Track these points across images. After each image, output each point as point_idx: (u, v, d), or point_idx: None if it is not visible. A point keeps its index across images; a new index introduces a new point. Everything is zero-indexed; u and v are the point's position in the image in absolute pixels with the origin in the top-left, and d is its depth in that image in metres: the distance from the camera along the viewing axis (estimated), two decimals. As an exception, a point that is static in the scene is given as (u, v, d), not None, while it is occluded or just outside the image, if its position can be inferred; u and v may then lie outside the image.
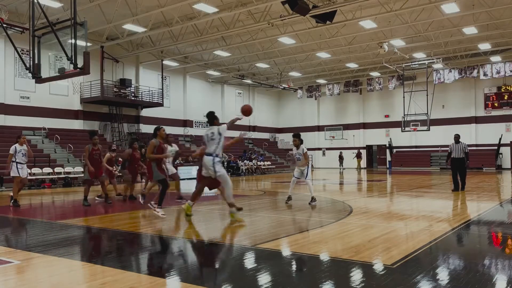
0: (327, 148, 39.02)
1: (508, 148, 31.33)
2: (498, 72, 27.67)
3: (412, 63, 28.89)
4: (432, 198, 11.80)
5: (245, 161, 29.17)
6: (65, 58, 9.12)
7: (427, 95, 29.39)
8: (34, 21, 9.81)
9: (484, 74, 28.13)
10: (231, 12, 18.82)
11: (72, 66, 8.97)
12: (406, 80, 31.04)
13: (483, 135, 32.14)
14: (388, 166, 35.92)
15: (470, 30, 22.37)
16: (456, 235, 6.30)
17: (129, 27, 20.85)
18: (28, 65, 9.78)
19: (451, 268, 4.53)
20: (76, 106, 24.32)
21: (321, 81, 35.80)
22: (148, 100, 27.14)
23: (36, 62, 9.71)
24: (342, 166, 34.78)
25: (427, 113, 28.96)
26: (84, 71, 8.98)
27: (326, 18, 17.31)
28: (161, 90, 27.85)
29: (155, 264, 4.91)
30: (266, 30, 22.59)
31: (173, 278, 4.21)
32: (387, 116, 36.45)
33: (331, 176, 24.66)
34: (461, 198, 11.36)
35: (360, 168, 33.73)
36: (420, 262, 4.70)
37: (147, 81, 27.85)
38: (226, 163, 27.04)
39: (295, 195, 12.19)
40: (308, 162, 10.15)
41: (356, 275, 4.26)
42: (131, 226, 7.55)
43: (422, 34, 22.66)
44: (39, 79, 9.87)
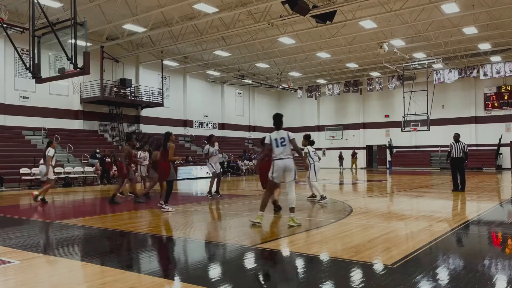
0: (327, 148, 39.02)
1: (508, 148, 31.34)
2: (498, 72, 27.67)
3: (412, 63, 28.88)
4: (432, 198, 11.80)
5: (245, 161, 29.17)
6: (65, 58, 9.13)
7: (427, 95, 29.39)
8: (34, 21, 9.81)
9: (484, 74, 28.14)
10: (231, 12, 18.82)
11: (72, 66, 8.98)
12: (406, 80, 31.03)
13: (483, 135, 32.15)
14: (388, 166, 35.93)
15: (470, 30, 22.37)
16: (456, 235, 6.30)
17: (129, 27, 20.85)
18: (28, 65, 9.79)
19: (451, 268, 4.54)
20: (76, 106, 24.32)
21: (321, 81, 35.80)
22: (148, 100, 27.14)
23: (36, 62, 9.71)
24: (342, 166, 34.76)
25: (427, 113, 28.96)
26: (84, 71, 8.99)
27: (326, 18, 17.31)
28: (161, 90, 27.85)
29: (155, 264, 4.91)
30: (266, 30, 22.60)
31: (173, 278, 4.21)
32: (387, 116, 36.46)
33: (331, 176, 24.65)
34: (461, 198, 11.35)
35: (356, 168, 33.64)
36: (420, 262, 4.70)
37: (147, 81, 27.86)
38: (226, 163, 27.04)
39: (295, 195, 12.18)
40: (307, 162, 10.56)
41: (356, 275, 4.26)
42: (131, 226, 7.55)
43: (422, 34, 22.66)
44: (39, 79, 9.88)
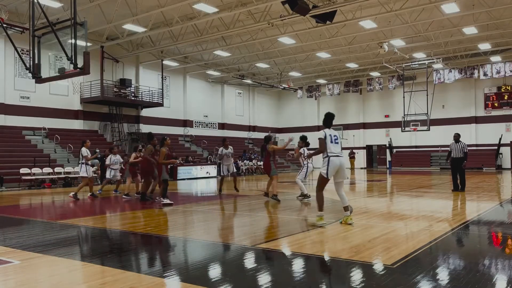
0: (327, 148, 38.97)
1: (508, 148, 31.33)
2: (498, 72, 27.67)
3: (412, 63, 28.88)
4: (432, 198, 11.80)
5: (245, 161, 29.16)
6: (65, 58, 9.13)
7: (427, 95, 29.38)
8: (34, 21, 9.82)
9: (484, 74, 28.13)
10: (231, 12, 18.81)
11: (72, 66, 8.98)
12: (406, 80, 31.02)
13: (483, 135, 32.15)
14: (388, 166, 35.92)
15: (470, 30, 22.36)
16: (456, 235, 6.30)
17: (129, 27, 20.85)
18: (28, 65, 9.79)
19: (451, 268, 4.53)
20: (76, 106, 24.32)
21: (321, 81, 35.80)
22: (148, 100, 27.13)
23: (36, 62, 9.71)
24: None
25: (427, 113, 28.95)
26: (84, 71, 8.99)
27: (326, 18, 17.31)
28: (161, 90, 27.84)
29: (155, 264, 4.91)
30: (266, 30, 22.59)
31: (173, 278, 4.21)
32: (387, 116, 36.46)
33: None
34: (461, 198, 11.35)
35: (353, 168, 33.56)
36: (420, 262, 4.70)
37: (147, 81, 27.85)
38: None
39: (295, 194, 12.19)
40: (302, 161, 11.07)
41: (356, 275, 4.26)
42: (131, 226, 7.55)
43: (422, 34, 22.66)
44: (39, 79, 9.88)
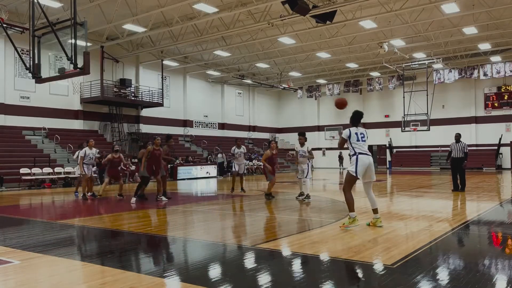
0: (327, 148, 39.00)
1: (508, 148, 31.33)
2: (498, 72, 27.68)
3: (412, 63, 28.87)
4: (432, 198, 11.80)
5: (245, 161, 29.12)
6: (65, 58, 9.13)
7: (427, 95, 29.38)
8: (34, 21, 9.82)
9: (484, 74, 28.14)
10: (231, 12, 18.81)
11: (72, 66, 8.99)
12: (406, 80, 31.02)
13: (483, 135, 32.14)
14: (388, 166, 35.92)
15: (470, 30, 22.36)
16: (456, 235, 6.30)
17: (129, 27, 20.85)
18: (28, 65, 9.80)
19: (451, 268, 4.53)
20: (76, 106, 24.32)
21: (321, 81, 35.80)
22: (148, 100, 27.13)
23: (36, 62, 9.72)
24: (342, 166, 34.77)
25: (427, 113, 28.95)
26: (84, 71, 8.99)
27: (326, 18, 17.31)
28: (161, 90, 27.84)
29: (155, 264, 4.91)
30: (266, 30, 22.59)
31: (173, 278, 4.20)
32: (387, 116, 36.45)
33: (331, 176, 24.65)
34: (461, 198, 11.35)
35: None
36: (420, 262, 4.70)
37: (147, 81, 27.85)
38: (226, 163, 27.04)
39: (295, 194, 12.19)
40: (311, 160, 10.94)
41: (356, 275, 4.26)
42: (131, 226, 7.55)
43: (422, 34, 22.66)
44: (39, 79, 9.89)
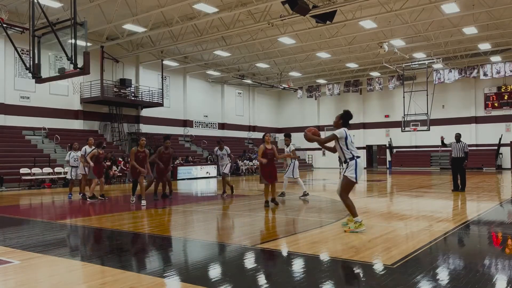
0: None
1: (508, 148, 31.33)
2: (498, 72, 27.67)
3: (412, 63, 28.87)
4: (432, 198, 11.80)
5: (245, 161, 29.15)
6: (65, 58, 9.13)
7: (427, 95, 29.37)
8: (34, 21, 9.82)
9: (484, 74, 28.13)
10: (231, 12, 18.81)
11: (72, 66, 8.98)
12: (406, 80, 31.02)
13: (483, 135, 32.14)
14: (388, 166, 35.90)
15: (470, 30, 22.36)
16: (456, 235, 6.30)
17: (129, 27, 20.85)
18: (28, 65, 9.79)
19: (451, 268, 4.53)
20: (76, 106, 24.32)
21: (321, 81, 35.79)
22: (148, 100, 27.13)
23: (36, 62, 9.72)
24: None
25: (427, 113, 28.94)
26: (84, 71, 8.99)
27: (326, 18, 17.31)
28: (161, 90, 27.84)
29: (155, 264, 4.91)
30: (266, 30, 22.59)
31: (173, 278, 4.20)
32: (387, 116, 36.45)
33: (331, 176, 24.64)
34: (461, 198, 11.35)
35: None
36: (420, 262, 4.70)
37: (147, 81, 27.85)
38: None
39: (293, 194, 12.20)
40: (293, 158, 11.47)
41: (356, 275, 4.26)
42: (131, 226, 7.54)
43: (422, 34, 22.65)
44: (39, 79, 9.88)
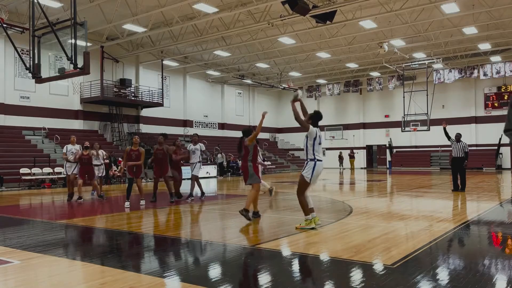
0: (327, 148, 38.96)
1: (508, 148, 31.30)
2: (498, 72, 27.68)
3: (412, 63, 28.87)
4: (432, 198, 11.79)
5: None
6: (65, 58, 9.13)
7: (427, 95, 29.37)
8: (34, 21, 9.83)
9: (484, 74, 28.14)
10: (231, 12, 18.81)
11: (72, 66, 8.98)
12: (406, 80, 31.02)
13: (483, 135, 32.13)
14: (388, 166, 35.89)
15: (470, 30, 22.36)
16: (456, 235, 6.30)
17: (129, 27, 20.85)
18: (28, 65, 9.80)
19: (451, 268, 4.53)
20: (76, 106, 24.32)
21: (321, 81, 35.80)
22: (148, 100, 27.13)
23: (36, 62, 9.72)
24: (342, 166, 34.77)
25: (427, 113, 28.94)
26: (84, 71, 8.99)
27: (326, 18, 17.32)
28: (161, 90, 27.84)
29: (155, 264, 4.91)
30: (266, 30, 22.59)
31: (173, 278, 4.21)
32: (387, 116, 36.44)
33: (331, 176, 24.64)
34: (461, 198, 11.35)
35: (353, 168, 33.66)
36: (420, 262, 4.70)
37: (147, 81, 27.85)
38: (226, 163, 27.04)
39: (295, 194, 12.18)
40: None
41: (356, 275, 4.26)
42: (131, 226, 7.55)
43: (422, 34, 22.65)
44: (39, 79, 9.88)
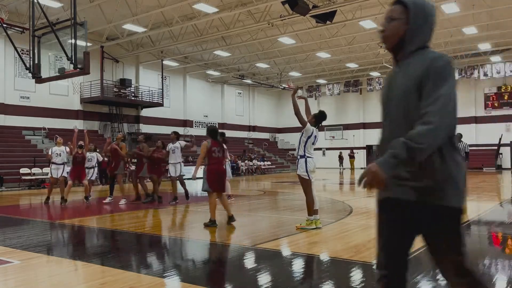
0: (327, 148, 38.97)
1: (508, 148, 31.31)
2: (498, 72, 27.69)
3: (412, 63, 28.83)
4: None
5: (245, 161, 29.16)
6: (65, 58, 9.14)
7: (427, 95, 29.33)
8: (34, 21, 9.83)
9: (484, 74, 28.15)
10: (231, 12, 18.81)
11: (72, 66, 8.99)
12: (406, 80, 30.98)
13: (483, 135, 32.12)
14: (388, 166, 35.83)
15: (470, 30, 22.36)
16: (456, 235, 6.28)
17: (129, 27, 20.85)
18: (28, 65, 9.81)
19: (451, 268, 4.52)
20: (76, 106, 24.31)
21: (321, 81, 35.79)
22: (148, 100, 27.13)
23: (36, 62, 9.73)
24: (342, 166, 34.76)
25: (427, 113, 28.89)
26: (84, 71, 9.00)
27: (326, 18, 17.33)
28: (161, 90, 27.84)
29: (155, 264, 4.91)
30: (266, 30, 22.58)
31: (173, 278, 4.20)
32: (387, 116, 36.40)
33: (331, 176, 24.64)
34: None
35: (353, 168, 33.70)
36: (420, 262, 4.70)
37: (147, 81, 27.84)
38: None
39: (295, 194, 12.19)
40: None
41: (356, 275, 4.26)
42: (131, 226, 7.54)
43: (422, 34, 22.62)
44: (39, 79, 9.90)
